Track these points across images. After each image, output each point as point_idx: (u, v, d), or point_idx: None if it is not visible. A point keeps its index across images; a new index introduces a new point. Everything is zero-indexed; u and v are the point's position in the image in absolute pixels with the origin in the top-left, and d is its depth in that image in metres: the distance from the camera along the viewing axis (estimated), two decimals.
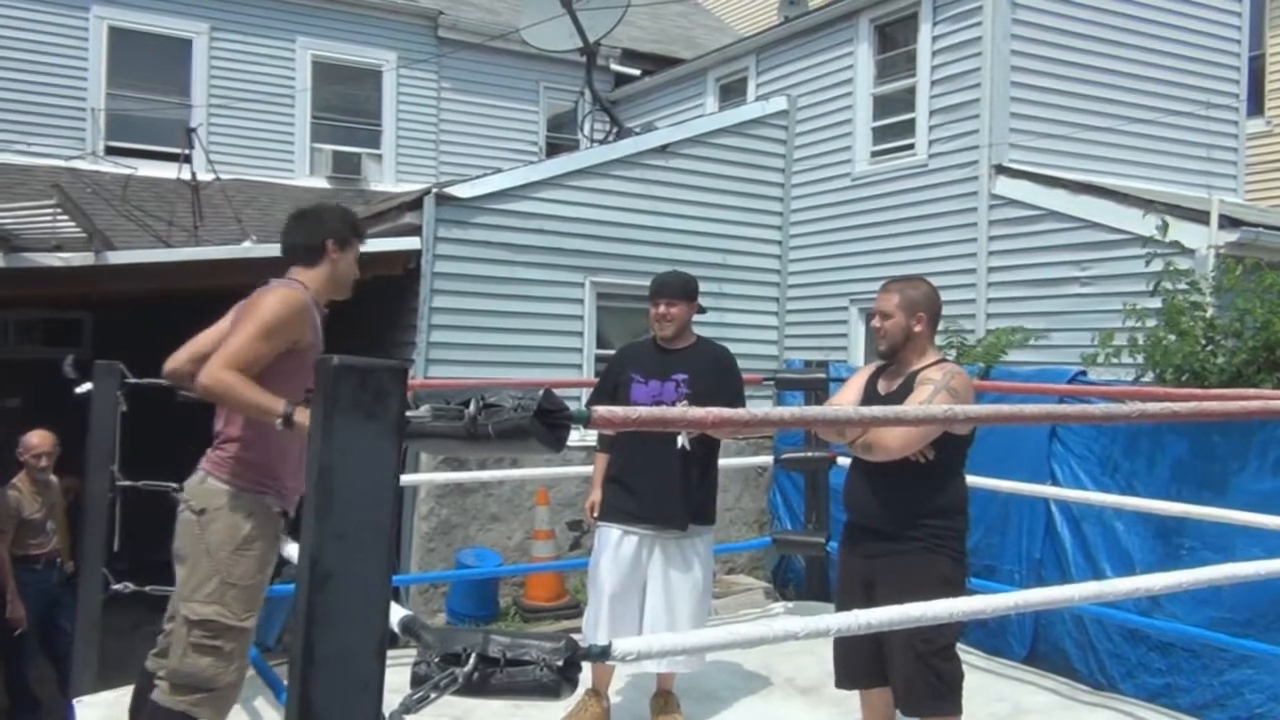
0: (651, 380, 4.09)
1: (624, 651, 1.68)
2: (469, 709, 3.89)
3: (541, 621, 7.87)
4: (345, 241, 3.24)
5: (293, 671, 1.44)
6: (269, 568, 3.07)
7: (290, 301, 2.98)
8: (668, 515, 4.01)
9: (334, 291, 3.28)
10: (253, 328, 2.89)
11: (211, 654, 2.91)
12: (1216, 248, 7.00)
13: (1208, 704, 4.63)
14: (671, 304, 4.14)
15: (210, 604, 2.91)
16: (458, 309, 8.13)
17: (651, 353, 4.22)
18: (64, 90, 10.77)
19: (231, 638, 2.94)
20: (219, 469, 3.01)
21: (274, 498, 3.03)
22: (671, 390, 4.05)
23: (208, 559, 2.92)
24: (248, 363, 2.84)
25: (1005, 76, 8.66)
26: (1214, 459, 4.84)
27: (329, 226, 3.24)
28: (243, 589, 2.94)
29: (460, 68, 12.68)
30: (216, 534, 2.93)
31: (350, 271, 3.29)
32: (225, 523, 2.93)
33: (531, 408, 1.46)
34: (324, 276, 3.20)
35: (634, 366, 4.17)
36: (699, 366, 4.11)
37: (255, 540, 2.96)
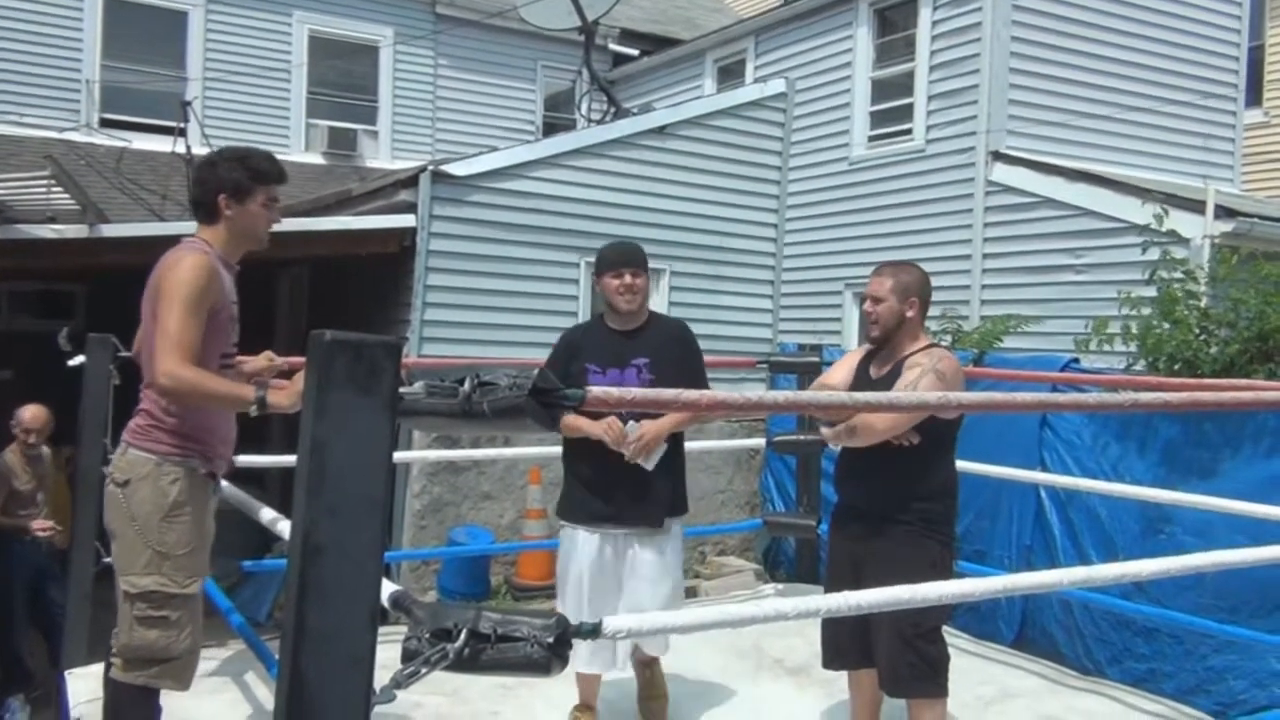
0: (610, 369, 3.63)
1: (614, 629, 1.69)
2: (460, 685, 3.91)
3: (533, 600, 7.90)
4: (242, 191, 2.99)
5: (284, 645, 1.45)
6: (205, 531, 2.98)
7: (197, 267, 2.82)
8: (643, 513, 3.68)
9: (241, 246, 3.06)
10: (178, 309, 2.75)
11: (159, 625, 2.84)
12: (1212, 237, 7.02)
13: (1191, 689, 4.67)
14: (637, 274, 3.66)
15: (148, 575, 2.83)
16: (453, 287, 8.11)
17: (603, 336, 3.73)
18: (59, 61, 10.69)
19: (177, 605, 2.86)
20: (140, 438, 2.90)
21: (199, 460, 2.92)
22: (633, 378, 3.61)
23: (137, 530, 2.84)
24: (193, 348, 2.73)
25: (1004, 63, 8.65)
26: (1205, 446, 4.87)
27: (220, 178, 3.00)
28: (179, 556, 2.85)
29: (458, 45, 12.61)
30: (142, 504, 2.85)
31: (256, 222, 3.04)
32: (150, 492, 2.85)
33: (526, 386, 1.46)
34: (224, 233, 3.00)
35: (587, 355, 3.68)
36: (658, 347, 3.70)
37: (184, 505, 2.86)
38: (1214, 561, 2.48)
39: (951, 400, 2.24)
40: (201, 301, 2.79)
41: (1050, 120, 8.80)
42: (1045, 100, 8.84)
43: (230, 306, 2.96)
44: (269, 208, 3.05)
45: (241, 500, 3.54)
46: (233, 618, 3.92)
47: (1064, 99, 8.91)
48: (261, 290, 10.28)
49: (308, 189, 10.36)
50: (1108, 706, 4.42)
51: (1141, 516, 5.01)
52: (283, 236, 7.74)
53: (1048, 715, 4.28)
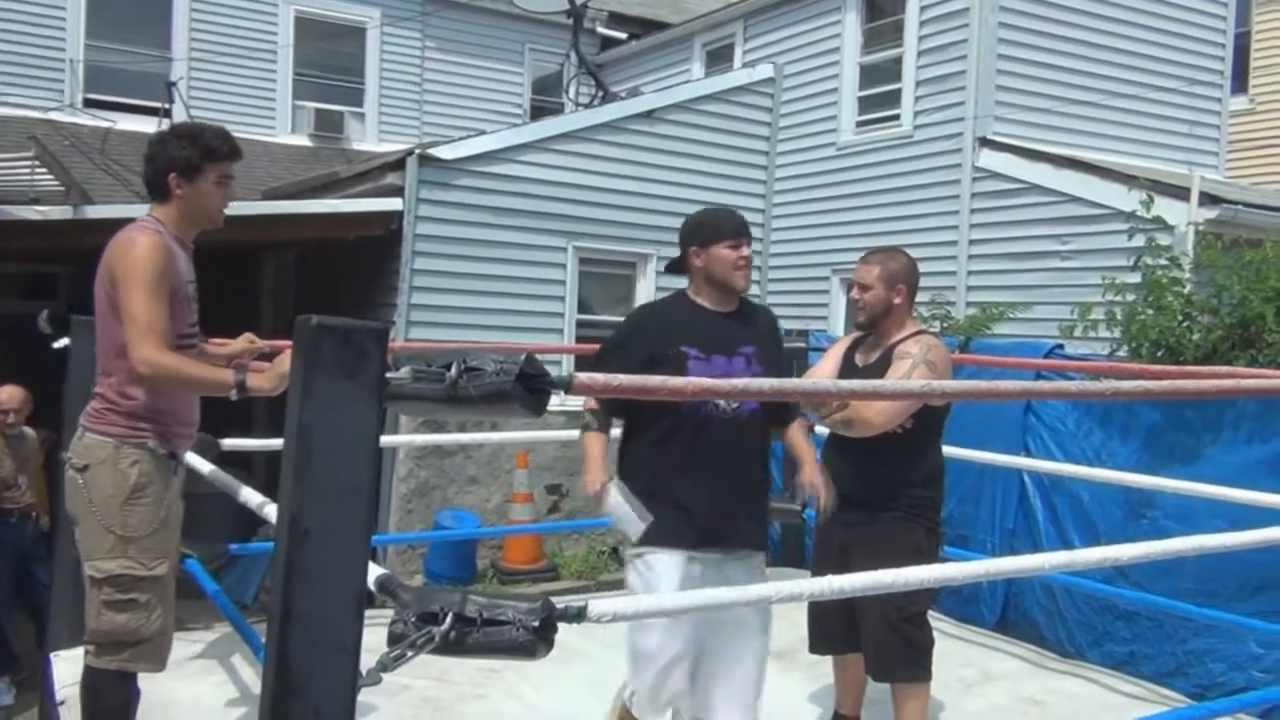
0: (715, 356, 3.00)
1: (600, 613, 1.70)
2: (446, 668, 3.93)
3: (519, 584, 7.92)
4: (192, 170, 2.89)
5: (270, 629, 1.46)
6: (169, 511, 2.93)
7: (151, 247, 2.76)
8: (747, 531, 3.05)
9: (195, 225, 2.99)
10: (141, 292, 2.69)
11: (128, 609, 2.81)
12: (1196, 224, 7.05)
13: (1171, 672, 4.72)
14: (750, 245, 3.11)
15: (113, 559, 2.80)
16: (439, 271, 8.09)
17: (702, 319, 3.09)
18: (42, 40, 10.60)
19: (145, 588, 2.82)
20: (96, 421, 2.86)
21: (156, 440, 2.86)
22: (741, 367, 3.02)
23: (98, 515, 2.80)
24: (163, 331, 2.70)
25: (992, 48, 8.66)
26: (1187, 431, 4.91)
27: (170, 156, 2.91)
28: (144, 539, 2.82)
29: (445, 27, 12.54)
30: (102, 488, 2.81)
31: (209, 201, 2.95)
32: (109, 476, 2.81)
33: (513, 372, 1.46)
34: (176, 213, 2.92)
35: (684, 337, 3.01)
36: (762, 334, 3.16)
37: (145, 488, 2.82)
38: (1194, 546, 2.51)
39: (937, 389, 2.26)
40: (162, 282, 2.75)
41: (1037, 106, 8.81)
42: (1032, 86, 8.86)
43: (186, 286, 2.91)
44: (222, 186, 2.97)
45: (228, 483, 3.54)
46: (219, 600, 3.92)
47: (1051, 85, 8.93)
48: (247, 273, 10.24)
49: (294, 171, 10.31)
50: (1087, 689, 4.47)
51: (1124, 501, 5.05)
52: (269, 219, 7.78)
53: (1028, 697, 4.32)
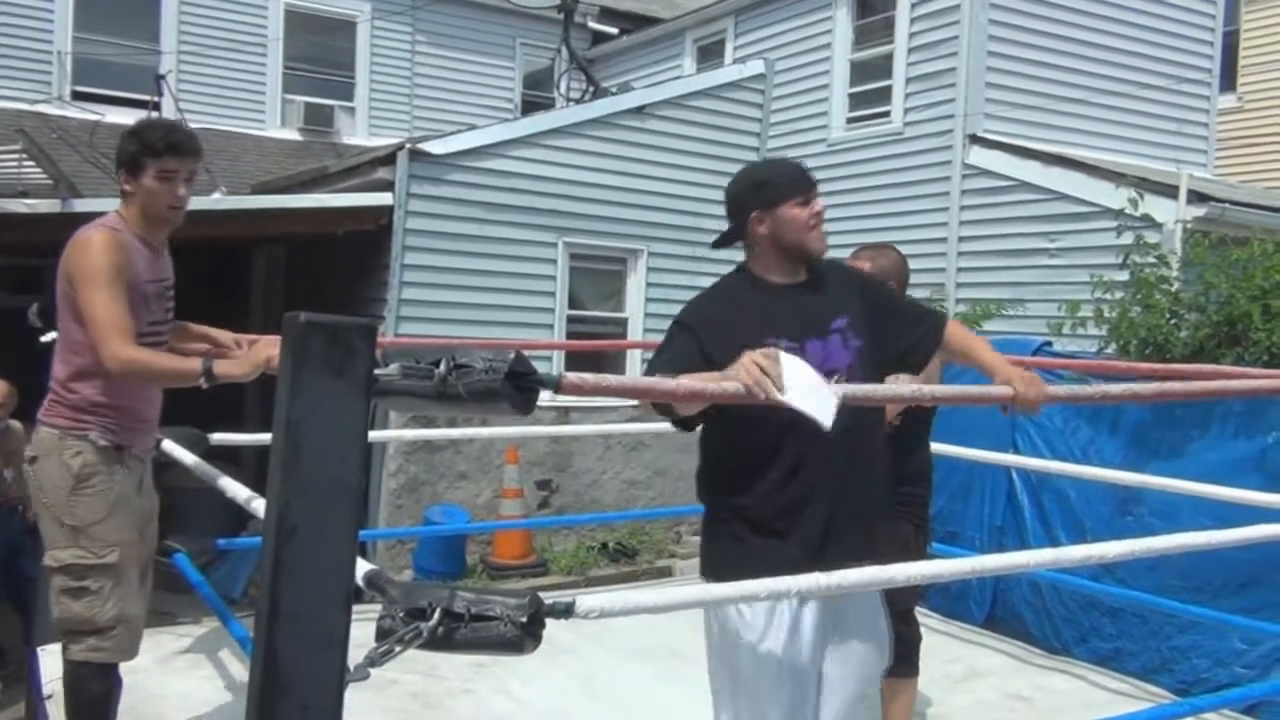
0: (809, 341, 2.42)
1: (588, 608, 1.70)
2: (434, 663, 3.93)
3: (508, 579, 7.93)
4: (136, 166, 2.87)
5: (258, 625, 1.46)
6: (122, 501, 2.89)
7: (103, 244, 2.77)
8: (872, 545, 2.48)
9: (152, 224, 2.94)
10: (99, 292, 2.71)
11: (81, 596, 2.83)
12: (1184, 222, 7.09)
13: (1155, 668, 4.75)
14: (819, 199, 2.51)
15: (65, 548, 2.82)
16: (430, 266, 8.09)
17: (782, 299, 2.50)
18: (30, 32, 10.54)
19: (97, 575, 2.83)
20: (46, 414, 2.90)
21: (98, 432, 2.85)
22: (839, 347, 2.45)
23: (48, 505, 2.85)
24: (126, 326, 2.71)
25: (983, 46, 8.68)
26: (1174, 428, 4.93)
27: (119, 153, 2.93)
28: (93, 527, 2.82)
29: (436, 21, 12.52)
30: (49, 479, 2.84)
31: (154, 199, 2.89)
32: (54, 467, 2.84)
33: (503, 370, 1.46)
34: (132, 212, 2.92)
35: (770, 326, 2.40)
36: (849, 297, 2.54)
37: (90, 478, 2.83)
38: (1178, 544, 2.52)
39: (926, 394, 2.26)
40: (116, 277, 2.74)
41: (1027, 104, 8.84)
42: (1022, 84, 8.89)
43: (145, 285, 2.88)
44: (167, 181, 2.88)
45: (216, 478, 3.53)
46: (206, 595, 3.92)
47: (1041, 83, 8.96)
48: (237, 268, 10.21)
49: (284, 165, 10.29)
50: (1073, 685, 4.50)
51: (1110, 498, 5.08)
52: (258, 214, 7.77)
53: (1015, 693, 4.35)
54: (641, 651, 4.33)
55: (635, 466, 9.03)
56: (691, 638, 4.58)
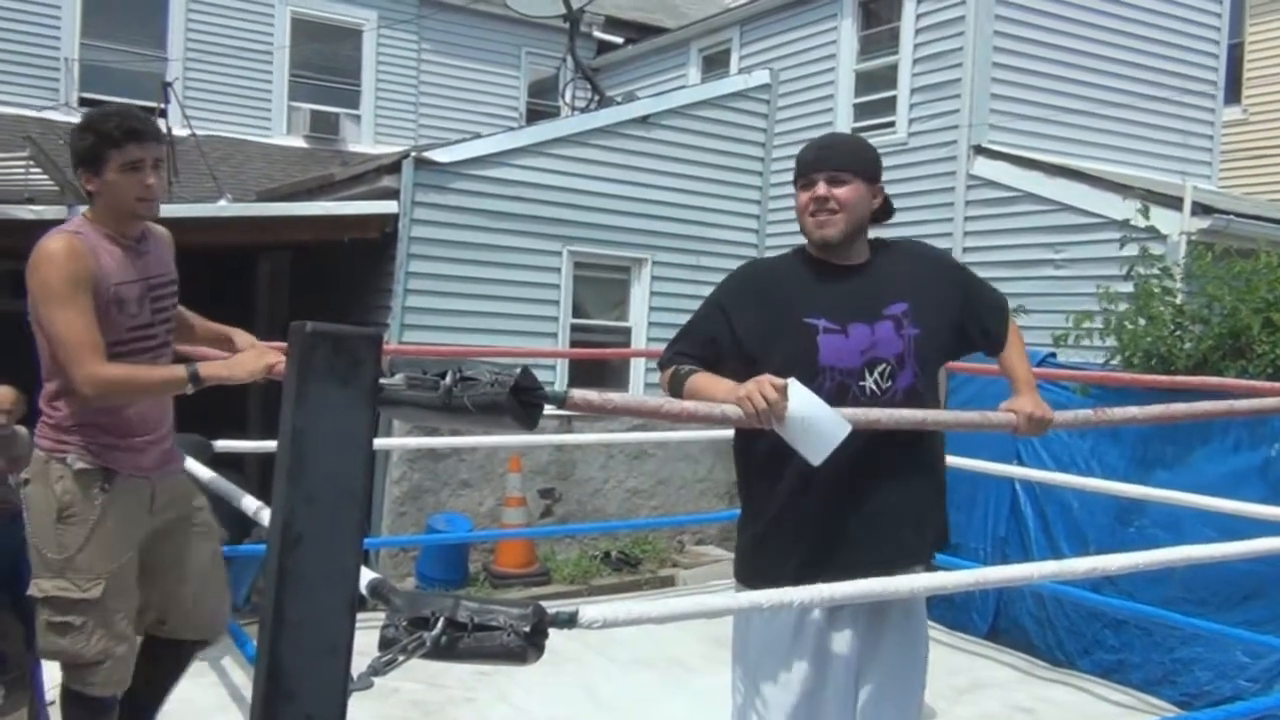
0: (853, 325, 2.30)
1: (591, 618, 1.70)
2: (436, 671, 3.93)
3: (510, 588, 7.92)
4: (95, 161, 2.64)
5: (262, 633, 1.46)
6: (106, 529, 2.66)
7: (55, 256, 2.54)
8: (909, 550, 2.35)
9: (120, 221, 2.70)
10: (57, 309, 2.51)
11: (66, 632, 2.66)
12: (1188, 234, 7.08)
13: (1158, 680, 4.74)
14: (838, 180, 2.34)
15: (49, 579, 2.64)
16: (434, 274, 8.10)
17: (830, 277, 2.37)
18: (37, 39, 10.59)
19: (80, 611, 2.64)
20: (37, 435, 2.72)
21: (78, 454, 2.64)
22: (889, 335, 2.31)
23: (34, 533, 2.67)
24: (94, 342, 2.51)
25: (987, 57, 8.69)
26: (1176, 440, 4.93)
27: (75, 155, 2.70)
28: (76, 558, 2.63)
29: (442, 29, 12.55)
30: (35, 505, 2.67)
31: (120, 192, 2.65)
32: (39, 492, 2.66)
33: (508, 384, 1.46)
34: (98, 210, 2.69)
35: (810, 304, 2.31)
36: (917, 282, 2.39)
37: (70, 506, 2.62)
38: (1181, 556, 2.52)
39: (929, 419, 2.26)
40: (74, 290, 2.53)
41: (1031, 115, 8.85)
42: (1027, 95, 8.90)
43: (120, 287, 2.64)
44: (134, 171, 2.64)
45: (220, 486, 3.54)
46: None
47: (1045, 94, 8.97)
48: (242, 275, 10.23)
49: (289, 173, 10.31)
50: (1076, 697, 4.50)
51: (1113, 509, 5.07)
52: (263, 221, 7.79)
53: (1018, 705, 4.34)
54: (644, 661, 4.33)
55: (638, 475, 9.03)
56: (694, 648, 4.59)
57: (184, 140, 9.92)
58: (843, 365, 2.28)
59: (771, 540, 2.37)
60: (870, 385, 2.29)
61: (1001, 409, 2.39)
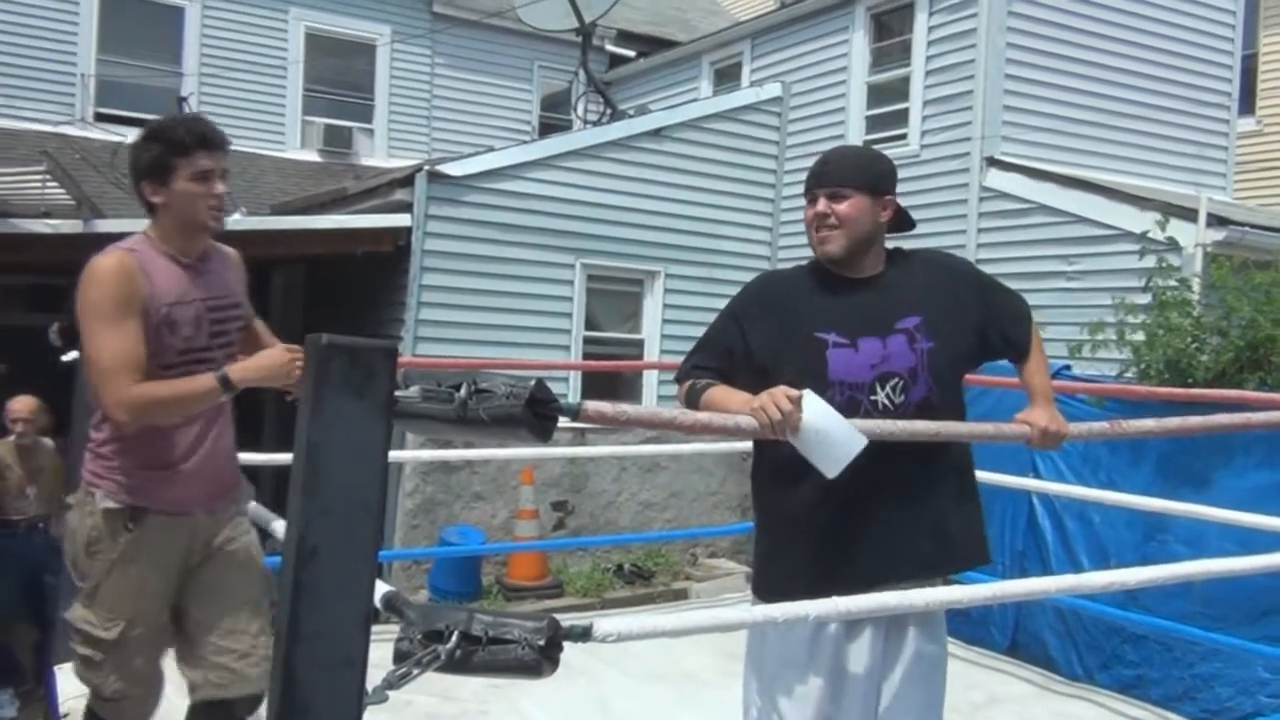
0: (864, 340, 2.30)
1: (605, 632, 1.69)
2: (449, 684, 3.92)
3: (524, 601, 7.91)
4: (162, 172, 2.50)
5: (277, 645, 1.46)
6: (131, 571, 2.54)
7: (106, 274, 2.43)
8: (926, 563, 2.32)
9: (186, 235, 2.58)
10: (97, 332, 2.38)
11: (87, 664, 2.59)
12: (1204, 245, 7.04)
13: (1178, 696, 4.69)
14: (838, 197, 2.35)
15: (80, 609, 2.57)
16: (447, 287, 8.12)
17: (841, 290, 2.37)
18: (54, 55, 10.68)
19: (100, 648, 2.56)
20: (85, 462, 2.64)
21: (106, 492, 2.52)
22: (902, 349, 2.30)
23: (71, 559, 2.61)
24: (129, 362, 2.37)
25: (999, 69, 8.68)
26: (1196, 455, 4.89)
27: (136, 164, 2.54)
28: (99, 594, 2.54)
29: (454, 44, 12.62)
30: (71, 532, 2.61)
31: (190, 204, 2.52)
32: (76, 519, 2.59)
33: (523, 396, 1.46)
34: (161, 225, 2.56)
35: (820, 318, 2.32)
36: (932, 294, 2.38)
37: (96, 542, 2.53)
38: (1201, 570, 2.49)
39: (944, 431, 2.24)
40: (119, 310, 2.40)
41: (1045, 127, 8.83)
42: (1040, 106, 8.88)
43: (176, 308, 2.51)
44: (205, 181, 2.53)
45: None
46: None
47: (1058, 105, 8.95)
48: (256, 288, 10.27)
49: (303, 186, 10.36)
50: (1094, 712, 4.45)
51: (1135, 525, 5.03)
52: (277, 234, 7.82)
53: None
54: (657, 675, 4.31)
55: (651, 488, 9.01)
56: (708, 661, 4.57)
57: None
58: (852, 379, 2.28)
59: (786, 552, 2.36)
60: (882, 400, 2.28)
61: (1016, 420, 2.38)
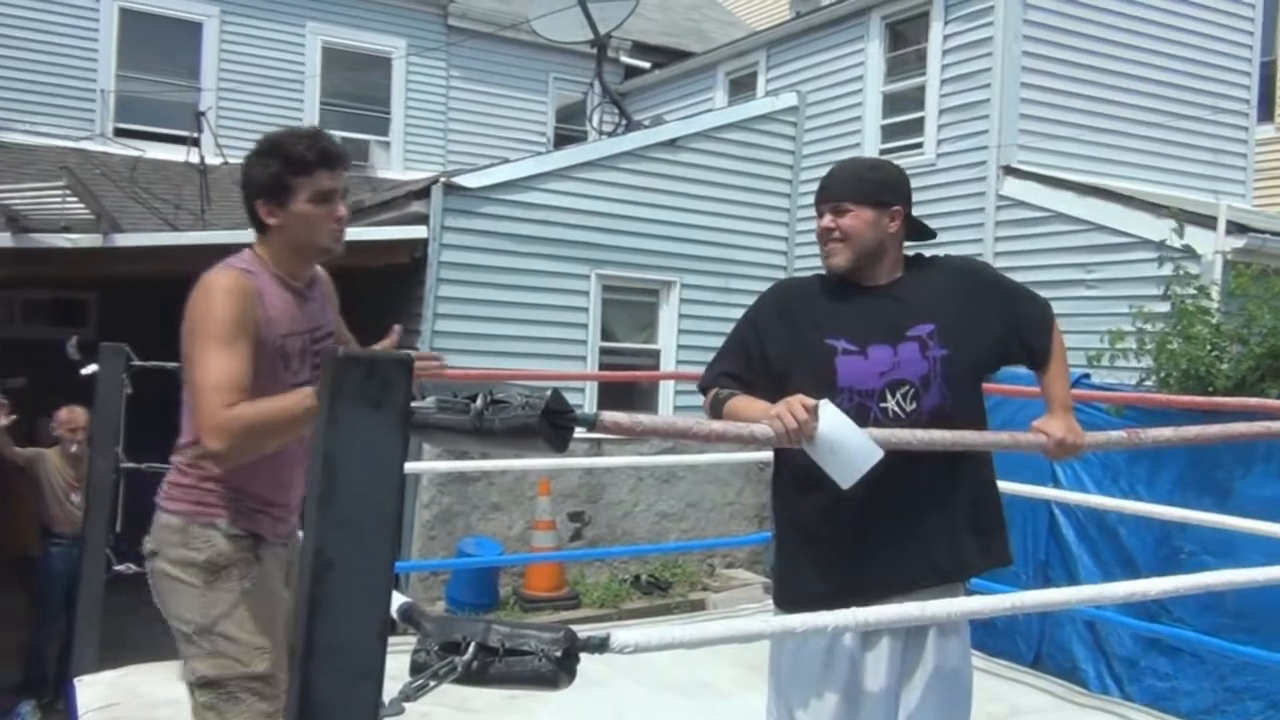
0: (874, 347, 2.30)
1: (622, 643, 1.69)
2: (466, 695, 3.91)
3: (541, 612, 7.90)
4: (281, 191, 2.34)
5: (294, 658, 1.46)
6: (257, 602, 2.38)
7: (225, 292, 2.25)
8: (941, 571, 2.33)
9: (300, 258, 2.43)
10: (215, 349, 2.18)
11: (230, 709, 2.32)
12: (1223, 253, 6.99)
13: (1208, 709, 4.65)
14: (841, 210, 2.39)
15: (206, 658, 2.31)
16: (463, 299, 8.14)
17: (853, 297, 2.39)
18: (74, 71, 10.79)
19: (243, 687, 2.32)
20: (165, 498, 2.42)
21: (230, 518, 2.36)
22: (913, 356, 2.29)
23: (176, 608, 2.35)
24: (235, 385, 2.16)
25: (1015, 77, 8.65)
26: (1218, 465, 4.85)
27: (253, 184, 2.38)
28: (233, 628, 2.33)
29: (470, 57, 12.68)
30: (173, 575, 2.35)
31: (308, 226, 2.37)
32: (179, 559, 2.35)
33: (539, 406, 1.46)
34: (274, 246, 2.40)
35: (830, 325, 2.33)
36: (947, 301, 2.37)
37: (221, 570, 2.34)
38: (1224, 580, 2.46)
39: (963, 440, 2.22)
40: (235, 332, 2.21)
41: (1061, 135, 8.79)
42: (1056, 115, 8.84)
43: (284, 340, 2.35)
44: (326, 203, 2.37)
45: None
46: None
47: (1075, 113, 8.90)
48: None
49: None
50: None
51: (1160, 534, 4.99)
52: None
53: None
54: (674, 686, 4.29)
55: (668, 499, 8.99)
56: (725, 672, 4.55)
57: (217, 169, 10.06)
58: (861, 387, 2.28)
59: (803, 562, 2.37)
60: (892, 407, 2.28)
61: (1033, 428, 2.36)
